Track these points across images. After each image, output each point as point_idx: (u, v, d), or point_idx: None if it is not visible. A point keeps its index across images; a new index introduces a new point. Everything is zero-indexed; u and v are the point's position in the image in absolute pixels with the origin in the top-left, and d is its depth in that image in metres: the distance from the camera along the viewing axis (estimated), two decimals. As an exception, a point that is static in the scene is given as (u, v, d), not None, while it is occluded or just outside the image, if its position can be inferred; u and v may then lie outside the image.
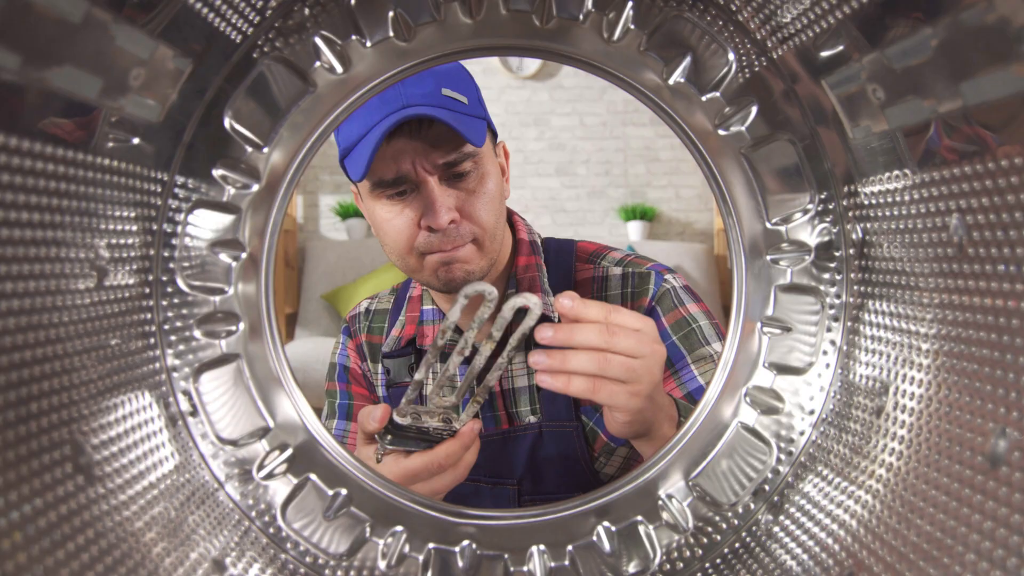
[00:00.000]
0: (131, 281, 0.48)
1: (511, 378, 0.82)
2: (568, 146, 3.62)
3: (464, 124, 0.70)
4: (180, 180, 0.50)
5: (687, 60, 0.51)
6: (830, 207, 0.52)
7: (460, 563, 0.54)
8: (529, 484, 0.81)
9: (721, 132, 0.52)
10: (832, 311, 0.53)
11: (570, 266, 0.86)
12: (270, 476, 0.54)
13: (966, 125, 0.38)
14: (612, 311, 0.54)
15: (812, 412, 0.53)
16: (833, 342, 0.53)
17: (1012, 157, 0.35)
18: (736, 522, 0.54)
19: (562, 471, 0.80)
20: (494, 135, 0.82)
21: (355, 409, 0.93)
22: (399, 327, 0.90)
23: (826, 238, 0.52)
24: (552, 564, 0.54)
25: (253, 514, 0.53)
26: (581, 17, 0.51)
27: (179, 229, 0.51)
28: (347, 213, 3.48)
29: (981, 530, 0.35)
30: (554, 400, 0.79)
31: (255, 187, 0.52)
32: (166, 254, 0.51)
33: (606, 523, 0.55)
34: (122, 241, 0.46)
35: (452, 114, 0.70)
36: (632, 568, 0.54)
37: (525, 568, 0.54)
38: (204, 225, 0.52)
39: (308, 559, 0.53)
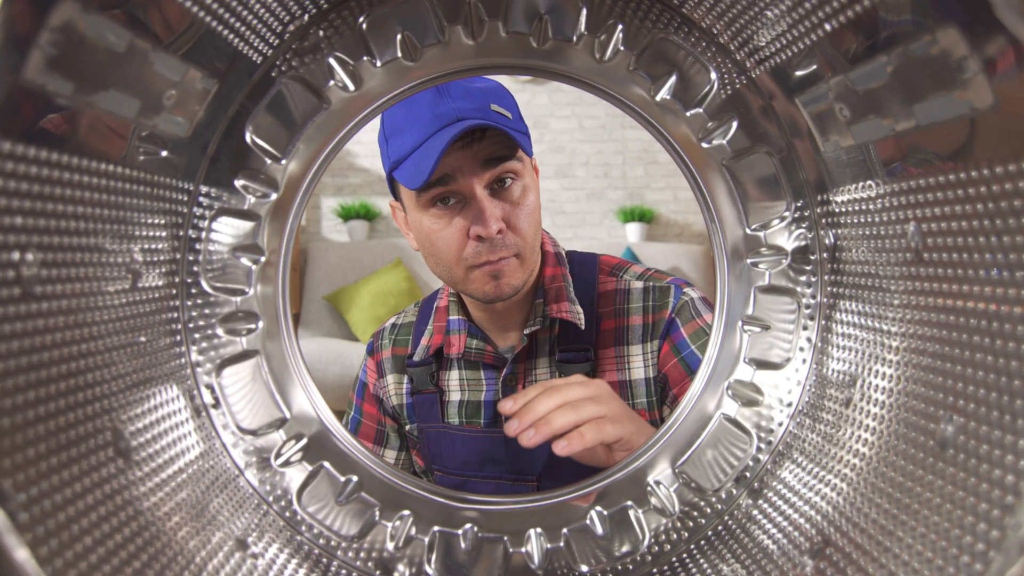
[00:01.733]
0: (160, 283, 0.52)
1: (535, 380, 0.86)
2: (567, 148, 3.66)
3: (518, 136, 0.74)
4: (205, 190, 0.54)
5: (673, 78, 0.56)
6: (805, 214, 0.56)
7: (463, 545, 0.58)
8: (548, 482, 0.84)
9: (704, 145, 0.57)
10: (808, 310, 0.57)
11: (593, 278, 0.89)
12: (286, 464, 0.58)
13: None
14: (544, 384, 0.63)
15: (789, 404, 0.58)
16: (809, 339, 0.57)
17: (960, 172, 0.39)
18: (719, 506, 0.58)
19: (579, 471, 0.83)
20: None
21: (362, 426, 0.98)
22: (427, 336, 0.93)
23: (802, 243, 0.56)
24: (548, 546, 0.59)
25: (271, 499, 0.57)
26: (575, 39, 0.55)
27: (203, 235, 0.55)
28: (348, 215, 3.52)
29: (930, 506, 0.39)
30: None
31: (273, 196, 0.56)
32: (191, 258, 0.55)
33: (598, 508, 0.60)
34: (152, 246, 0.51)
35: (505, 126, 0.73)
36: (623, 550, 0.58)
37: (523, 549, 0.58)
38: (226, 231, 0.56)
39: (322, 541, 0.57)
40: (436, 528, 0.59)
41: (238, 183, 0.55)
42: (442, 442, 0.89)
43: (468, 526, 0.59)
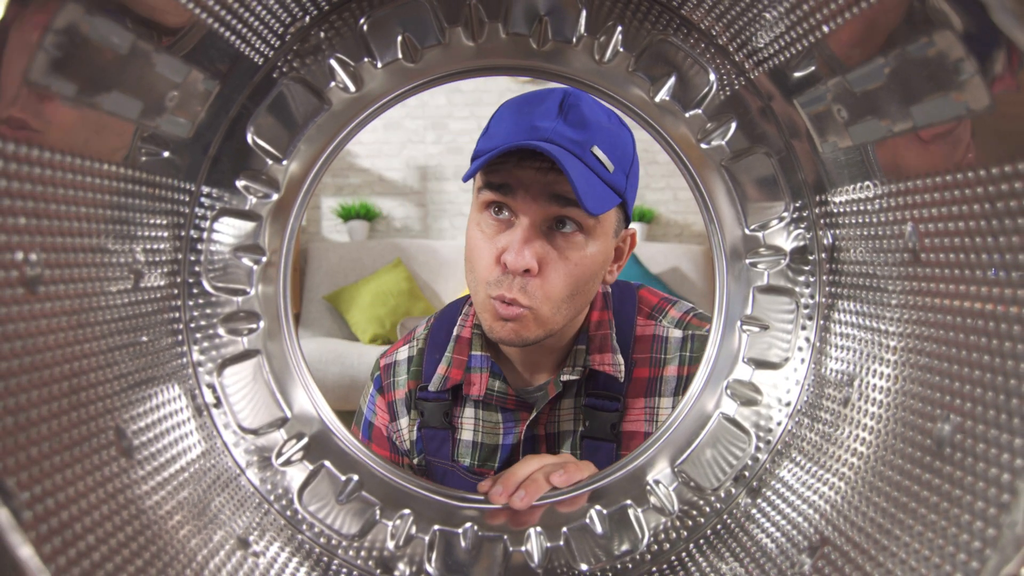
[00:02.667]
0: (162, 283, 0.52)
1: (557, 422, 0.81)
2: (567, 149, 3.65)
3: (590, 187, 0.65)
4: (206, 190, 0.54)
5: (672, 80, 0.56)
6: (804, 215, 0.56)
7: (463, 543, 0.59)
8: None
9: (703, 146, 0.57)
10: (806, 310, 0.57)
11: (632, 321, 0.82)
12: (287, 463, 0.58)
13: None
14: (508, 475, 0.64)
15: (788, 404, 0.58)
16: (807, 339, 0.57)
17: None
18: (718, 505, 0.58)
19: None
20: (626, 218, 0.78)
21: None
22: (444, 365, 0.84)
23: (800, 243, 0.57)
24: (548, 545, 0.59)
25: (272, 498, 0.57)
26: (574, 40, 0.56)
27: (205, 235, 0.55)
28: (349, 215, 3.52)
29: (928, 504, 0.40)
30: (596, 450, 0.79)
31: (274, 196, 0.57)
32: (193, 258, 0.55)
33: (598, 507, 0.60)
34: (154, 246, 0.51)
35: (585, 172, 0.66)
36: (622, 548, 0.59)
37: (523, 548, 0.59)
38: (228, 231, 0.56)
39: (323, 539, 0.57)
40: (436, 527, 0.59)
41: (239, 184, 0.55)
42: (448, 479, 0.84)
43: (468, 525, 0.59)
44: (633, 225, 3.56)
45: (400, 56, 0.55)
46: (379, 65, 0.56)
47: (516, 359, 0.83)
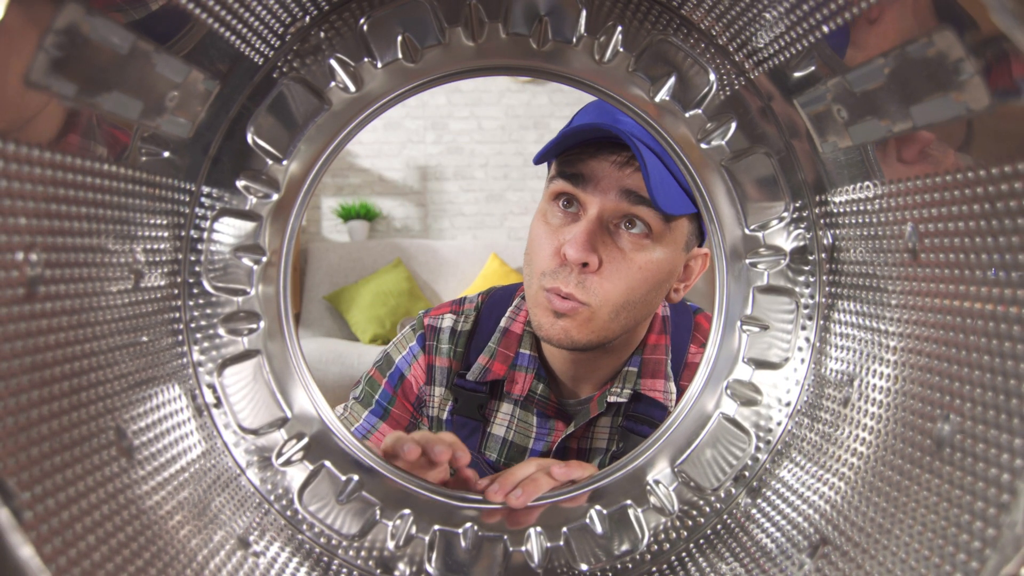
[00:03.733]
0: (162, 283, 0.52)
1: (591, 439, 0.80)
2: (567, 149, 3.66)
3: (664, 186, 0.64)
4: (206, 190, 0.54)
5: (672, 79, 0.56)
6: (804, 215, 0.56)
7: (463, 543, 0.59)
8: None
9: (703, 146, 0.57)
10: (806, 310, 0.57)
11: (685, 347, 0.80)
12: (288, 463, 0.58)
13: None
14: (507, 474, 0.62)
15: (788, 404, 0.58)
16: (807, 339, 0.57)
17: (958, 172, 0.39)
18: (718, 505, 0.58)
19: None
20: (700, 236, 0.75)
21: (391, 415, 0.88)
22: (487, 355, 0.82)
23: (800, 243, 0.57)
24: (548, 544, 0.59)
25: (272, 498, 0.57)
26: (574, 40, 0.56)
27: (205, 235, 0.55)
28: (349, 215, 3.53)
29: (927, 504, 0.40)
30: None
31: (275, 196, 0.57)
32: (193, 258, 0.55)
33: (598, 507, 0.60)
34: (155, 246, 0.51)
35: (661, 171, 0.64)
36: (622, 548, 0.59)
37: (523, 548, 0.59)
38: (228, 232, 0.56)
39: (323, 539, 0.57)
40: (436, 527, 0.59)
41: (239, 184, 0.55)
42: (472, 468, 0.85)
43: (468, 525, 0.59)
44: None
45: (400, 56, 0.55)
46: (379, 65, 0.56)
47: (561, 369, 0.81)
